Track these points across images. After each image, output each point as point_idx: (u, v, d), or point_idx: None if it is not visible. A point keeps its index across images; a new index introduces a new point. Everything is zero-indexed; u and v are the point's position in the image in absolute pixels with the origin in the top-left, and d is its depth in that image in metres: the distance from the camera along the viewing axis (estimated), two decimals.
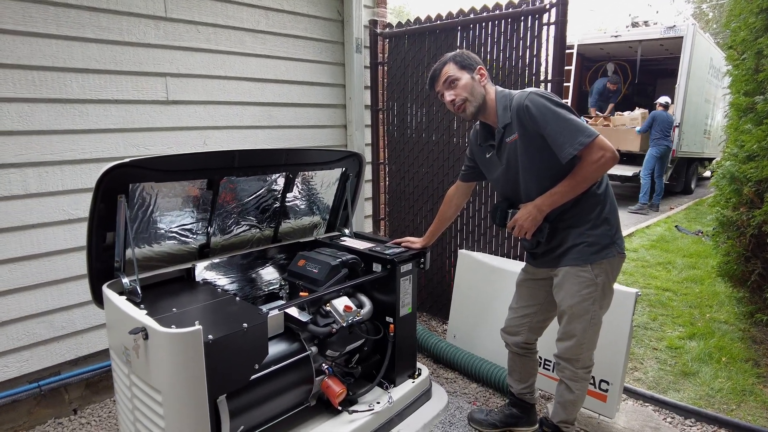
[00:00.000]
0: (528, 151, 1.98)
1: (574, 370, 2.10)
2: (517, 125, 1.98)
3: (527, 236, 2.05)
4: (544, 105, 1.89)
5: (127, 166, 1.82)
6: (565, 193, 1.93)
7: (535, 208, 1.98)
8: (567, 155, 1.85)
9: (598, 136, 1.83)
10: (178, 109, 2.89)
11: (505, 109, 2.02)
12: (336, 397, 2.19)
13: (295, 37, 3.45)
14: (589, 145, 1.83)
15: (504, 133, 2.04)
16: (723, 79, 10.27)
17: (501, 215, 2.15)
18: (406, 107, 3.81)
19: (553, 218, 2.03)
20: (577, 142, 1.83)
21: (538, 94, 1.93)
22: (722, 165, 3.51)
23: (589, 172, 1.87)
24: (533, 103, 1.91)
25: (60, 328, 2.58)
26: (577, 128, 1.84)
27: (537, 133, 1.93)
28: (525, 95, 1.95)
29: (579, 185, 1.91)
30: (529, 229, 2.02)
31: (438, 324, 3.77)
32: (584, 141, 1.82)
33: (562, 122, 1.86)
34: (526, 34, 3.04)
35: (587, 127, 1.85)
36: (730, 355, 3.29)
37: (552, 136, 1.88)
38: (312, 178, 2.68)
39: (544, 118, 1.88)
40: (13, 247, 2.40)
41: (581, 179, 1.90)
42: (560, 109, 1.88)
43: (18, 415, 2.50)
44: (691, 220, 7.91)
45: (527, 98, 1.93)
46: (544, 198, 1.97)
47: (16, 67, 2.32)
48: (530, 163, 2.00)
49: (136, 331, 1.60)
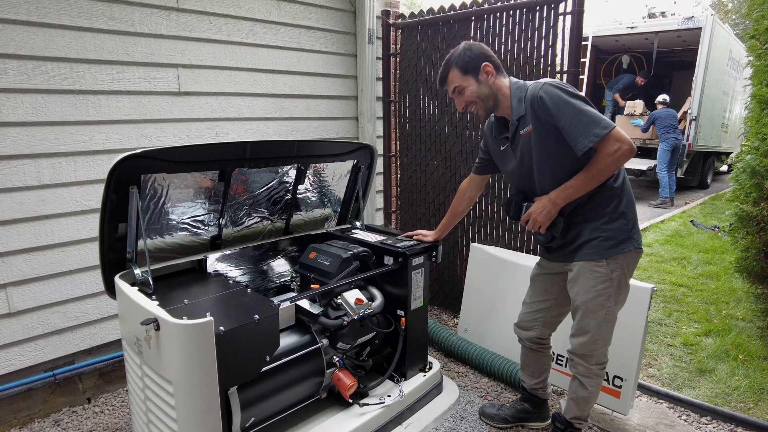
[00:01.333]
0: (543, 143, 1.94)
1: (587, 366, 2.07)
2: (531, 117, 1.94)
3: (541, 230, 2.02)
4: (559, 96, 1.85)
5: (139, 157, 1.82)
6: (581, 187, 1.89)
7: (549, 202, 1.95)
8: (582, 148, 1.81)
9: (614, 127, 1.79)
10: (189, 101, 2.89)
11: (519, 101, 1.98)
12: (347, 390, 2.18)
13: (307, 28, 3.42)
14: (605, 137, 1.78)
15: (518, 126, 2.00)
16: (743, 70, 10.08)
17: (515, 208, 2.11)
18: (418, 99, 3.77)
19: (568, 212, 1.99)
20: (592, 134, 1.78)
21: (552, 84, 1.89)
22: (742, 158, 3.42)
23: (605, 164, 1.83)
24: (548, 94, 1.86)
25: (74, 318, 2.61)
26: (593, 120, 1.80)
27: (552, 125, 1.89)
28: (539, 86, 1.90)
29: (595, 178, 1.87)
30: (543, 223, 1.98)
31: (449, 318, 3.75)
32: (600, 133, 1.78)
33: (578, 114, 1.81)
34: (542, 24, 2.98)
35: (603, 119, 1.81)
36: (747, 353, 3.22)
37: (567, 128, 1.84)
38: (323, 170, 2.66)
39: (559, 109, 1.84)
40: (28, 237, 2.42)
41: (597, 172, 1.85)
42: (576, 100, 1.84)
43: (34, 403, 2.54)
44: (707, 215, 7.78)
45: (542, 89, 1.89)
46: (559, 191, 1.93)
47: (30, 58, 2.33)
48: (545, 156, 1.96)
49: (148, 322, 1.61)
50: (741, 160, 3.47)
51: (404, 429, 2.35)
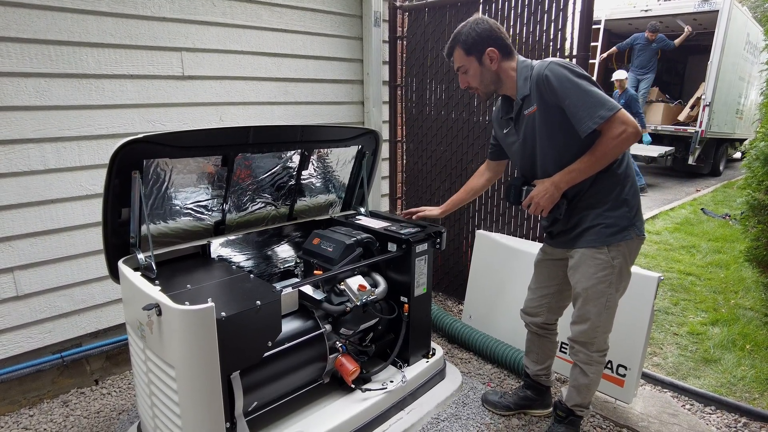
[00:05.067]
0: (546, 124, 1.90)
1: (588, 353, 2.06)
2: (536, 96, 1.90)
3: (543, 214, 1.99)
4: (564, 75, 1.80)
5: (141, 142, 1.81)
6: (584, 170, 1.85)
7: (552, 185, 1.91)
8: (586, 129, 1.77)
9: (620, 109, 1.75)
10: (193, 85, 2.87)
11: (525, 80, 1.94)
12: (349, 375, 2.19)
13: (312, 11, 3.37)
14: (610, 119, 1.74)
15: (522, 106, 1.96)
16: (760, 54, 9.82)
17: (515, 193, 2.08)
18: (425, 83, 3.71)
19: (571, 197, 1.96)
20: (597, 116, 1.74)
21: (559, 64, 1.84)
22: (756, 145, 3.35)
23: (610, 147, 1.79)
24: (553, 73, 1.82)
25: (80, 301, 2.63)
26: (599, 101, 1.76)
27: (556, 105, 1.85)
28: (545, 65, 1.86)
29: (599, 161, 1.83)
30: (545, 207, 1.95)
31: (453, 304, 3.75)
32: (605, 115, 1.74)
33: (583, 94, 1.77)
34: (551, 7, 2.91)
35: (609, 100, 1.76)
36: (754, 343, 3.19)
37: (571, 109, 1.79)
38: (328, 156, 2.64)
39: (564, 89, 1.80)
40: (34, 221, 2.43)
41: (601, 155, 1.81)
42: (581, 80, 1.79)
43: (42, 384, 2.58)
44: (719, 203, 7.66)
45: (547, 68, 1.84)
46: (561, 174, 1.89)
47: (33, 42, 2.31)
48: (548, 138, 1.92)
49: (150, 308, 1.61)
50: (754, 147, 3.40)
51: (406, 414, 2.36)
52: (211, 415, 1.68)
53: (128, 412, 2.51)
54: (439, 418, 2.43)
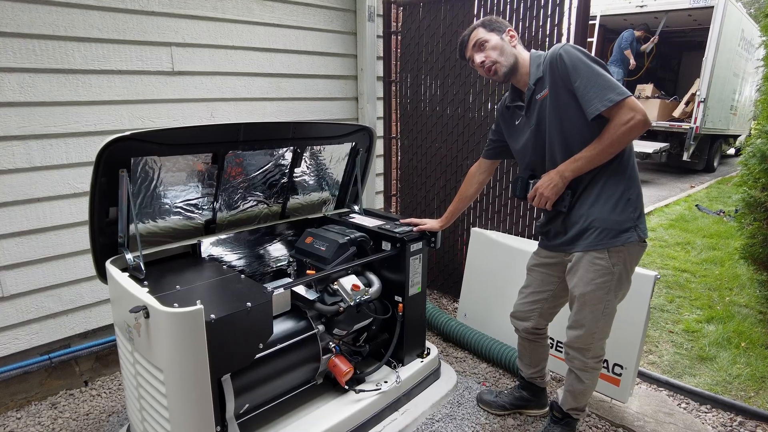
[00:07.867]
0: (556, 108, 1.88)
1: (584, 360, 2.02)
2: (549, 78, 1.88)
3: (547, 206, 1.95)
4: (578, 56, 1.80)
5: (128, 140, 1.76)
6: (591, 159, 1.82)
7: (557, 175, 1.88)
8: (594, 110, 1.74)
9: (630, 96, 1.72)
10: (183, 80, 2.81)
11: (538, 66, 1.93)
12: (343, 376, 2.16)
13: (305, 5, 3.31)
14: (619, 103, 1.71)
15: (534, 90, 1.94)
16: (755, 51, 9.83)
17: (522, 185, 2.05)
18: (420, 79, 3.67)
19: (575, 191, 1.91)
20: (606, 99, 1.72)
21: (573, 46, 1.85)
22: (752, 143, 3.33)
23: (618, 134, 1.75)
24: (567, 53, 1.82)
25: (69, 301, 2.58)
26: (609, 84, 1.74)
27: (567, 90, 1.83)
28: (560, 45, 1.86)
29: (606, 150, 1.80)
30: (550, 198, 1.91)
31: (448, 302, 3.72)
32: (614, 98, 1.71)
33: (594, 77, 1.76)
34: (548, 2, 2.87)
35: (619, 86, 1.74)
36: (749, 341, 3.19)
37: (581, 90, 1.78)
38: (321, 153, 2.60)
39: (576, 69, 1.79)
40: (19, 220, 2.38)
41: (608, 143, 1.78)
42: (594, 64, 1.78)
43: (30, 386, 2.53)
44: (713, 200, 7.69)
45: (562, 47, 1.85)
46: (567, 164, 1.86)
47: (16, 36, 2.25)
48: (558, 122, 1.88)
49: (137, 310, 1.57)
50: (750, 144, 3.38)
51: (401, 415, 2.33)
52: (201, 419, 1.65)
53: (118, 413, 2.47)
54: (434, 419, 2.41)
